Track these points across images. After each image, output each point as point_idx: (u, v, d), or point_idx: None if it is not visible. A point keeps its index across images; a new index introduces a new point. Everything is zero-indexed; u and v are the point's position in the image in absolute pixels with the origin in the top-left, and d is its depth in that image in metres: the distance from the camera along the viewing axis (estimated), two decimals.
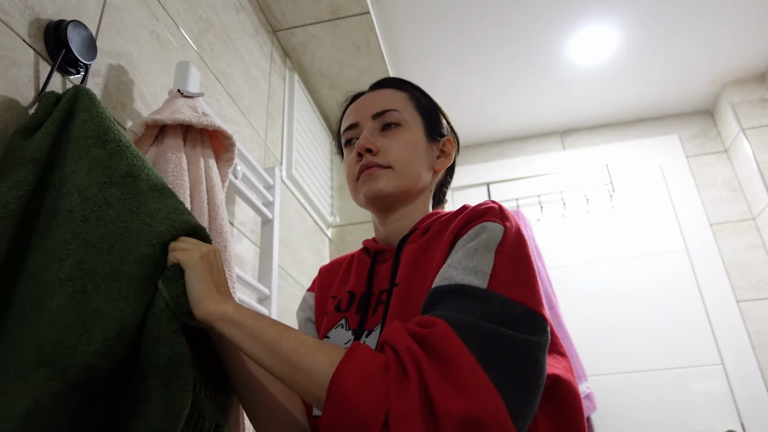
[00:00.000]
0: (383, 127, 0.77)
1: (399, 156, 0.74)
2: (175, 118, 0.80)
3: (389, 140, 0.75)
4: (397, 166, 0.74)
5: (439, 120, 0.83)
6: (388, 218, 0.77)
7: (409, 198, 0.76)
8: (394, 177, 0.73)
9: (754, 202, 2.10)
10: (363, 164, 0.74)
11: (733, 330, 1.97)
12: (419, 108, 0.80)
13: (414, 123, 0.78)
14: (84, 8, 0.80)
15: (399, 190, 0.74)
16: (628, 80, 2.17)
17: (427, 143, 0.79)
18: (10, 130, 0.65)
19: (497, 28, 1.86)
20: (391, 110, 0.77)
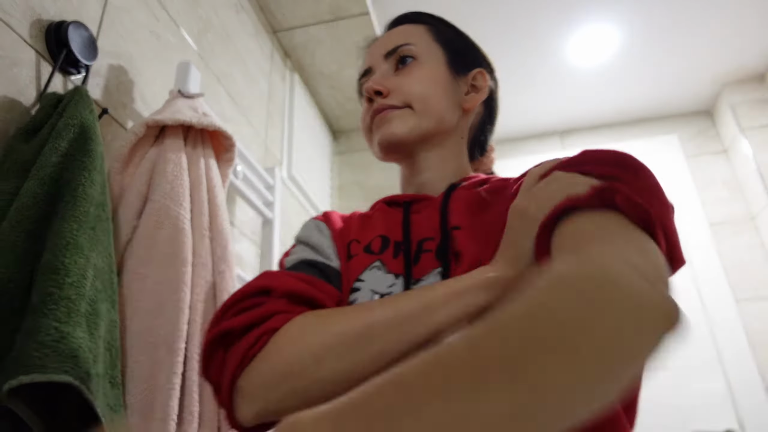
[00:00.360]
0: (397, 66, 0.66)
1: (415, 92, 0.63)
2: (175, 119, 0.81)
3: (403, 78, 0.65)
4: (414, 103, 0.63)
5: (467, 50, 0.72)
6: (418, 167, 0.66)
7: (434, 142, 0.65)
8: (411, 116, 0.63)
9: (753, 203, 2.11)
10: (375, 109, 0.64)
11: (731, 329, 1.97)
12: (439, 39, 0.69)
13: (433, 55, 0.67)
14: (85, 9, 0.80)
15: (418, 132, 0.63)
16: (628, 80, 2.17)
17: (450, 77, 0.67)
18: (12, 130, 0.65)
19: (497, 29, 1.86)
20: (404, 45, 0.66)
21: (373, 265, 0.57)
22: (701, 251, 2.11)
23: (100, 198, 0.63)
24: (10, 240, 0.55)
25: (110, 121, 0.83)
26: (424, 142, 0.64)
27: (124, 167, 0.77)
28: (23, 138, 0.63)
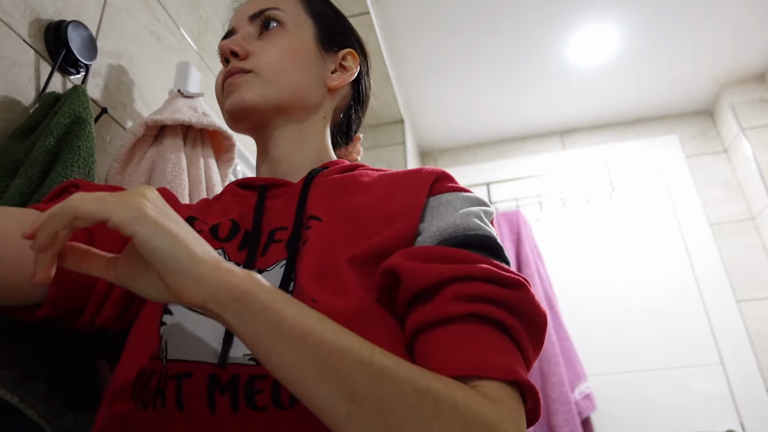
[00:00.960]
0: (262, 30, 0.63)
1: (271, 60, 0.60)
2: (175, 119, 0.81)
3: (265, 43, 0.61)
4: (264, 71, 0.59)
5: (340, 28, 0.69)
6: (274, 143, 0.62)
7: (291, 115, 0.61)
8: (261, 84, 0.59)
9: (753, 202, 2.10)
10: (227, 71, 0.60)
11: (732, 330, 1.97)
12: (311, 10, 0.66)
13: (301, 26, 0.64)
14: (84, 8, 0.80)
15: (269, 101, 0.59)
16: (628, 80, 2.17)
17: (317, 52, 0.64)
18: (11, 130, 0.65)
19: (497, 29, 1.86)
20: (271, 8, 0.62)
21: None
22: (701, 251, 2.10)
23: None
24: None
25: (110, 121, 0.82)
26: (279, 115, 0.61)
27: (123, 167, 0.77)
28: (18, 137, 0.63)
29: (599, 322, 2.08)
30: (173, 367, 0.44)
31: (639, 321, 2.04)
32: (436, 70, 2.05)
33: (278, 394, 0.41)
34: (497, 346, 0.40)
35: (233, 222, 0.56)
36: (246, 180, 0.63)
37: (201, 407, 0.41)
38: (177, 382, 0.43)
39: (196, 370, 0.43)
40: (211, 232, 0.55)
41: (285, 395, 0.41)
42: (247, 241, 0.53)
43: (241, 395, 0.41)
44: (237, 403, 0.41)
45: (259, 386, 0.41)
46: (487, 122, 2.42)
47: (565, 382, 1.78)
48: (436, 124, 2.41)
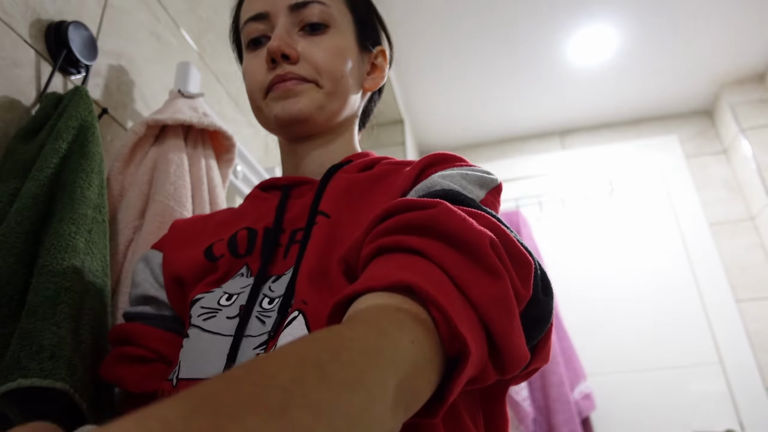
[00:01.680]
0: (304, 26, 0.57)
1: (327, 68, 0.55)
2: (176, 119, 0.81)
3: (313, 45, 0.56)
4: (323, 81, 0.55)
5: (374, 22, 0.64)
6: (305, 147, 0.59)
7: (334, 124, 0.59)
8: (319, 95, 0.55)
9: (752, 203, 2.11)
10: (278, 75, 0.55)
11: (731, 329, 1.97)
12: (351, 4, 0.61)
13: (344, 23, 0.59)
14: (85, 9, 0.80)
15: (325, 114, 0.56)
16: (628, 81, 2.17)
17: (358, 53, 0.60)
18: (12, 130, 0.65)
19: (498, 29, 1.86)
20: (318, 2, 0.57)
21: (239, 273, 0.51)
22: (701, 251, 2.11)
23: (97, 200, 0.63)
24: (9, 241, 0.54)
25: (110, 121, 0.82)
26: (326, 124, 0.58)
27: (124, 167, 0.77)
28: (23, 138, 0.63)
29: (599, 322, 2.08)
30: (183, 386, 0.44)
31: (638, 321, 2.05)
32: (436, 70, 2.05)
33: None
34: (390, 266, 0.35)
35: (249, 231, 0.53)
36: (269, 181, 0.61)
37: None
38: None
39: None
40: (230, 251, 0.53)
41: None
42: (265, 246, 0.51)
43: None
44: None
45: None
46: (487, 122, 2.43)
47: (565, 381, 1.78)
48: (436, 124, 2.41)
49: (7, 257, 0.54)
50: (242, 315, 0.46)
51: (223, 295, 0.49)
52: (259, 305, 0.47)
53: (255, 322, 0.46)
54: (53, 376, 0.48)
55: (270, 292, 0.47)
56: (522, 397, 1.78)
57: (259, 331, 0.45)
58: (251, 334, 0.45)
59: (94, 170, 0.63)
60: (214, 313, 0.48)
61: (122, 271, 0.71)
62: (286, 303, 0.45)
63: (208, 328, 0.47)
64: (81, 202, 0.60)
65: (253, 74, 0.58)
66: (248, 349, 0.44)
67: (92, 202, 0.61)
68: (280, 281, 0.48)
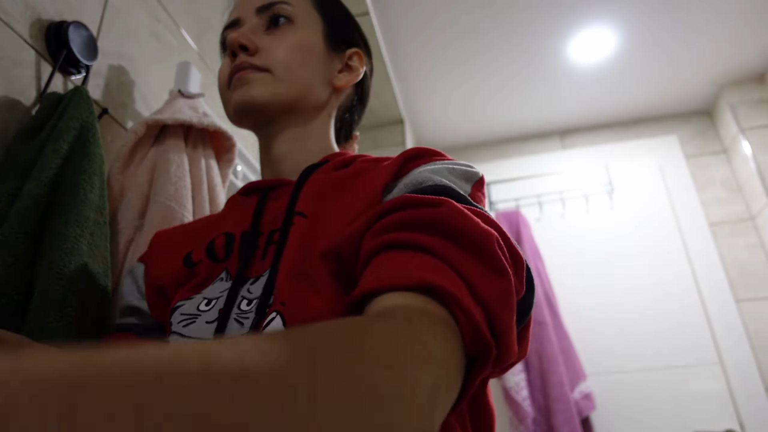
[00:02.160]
0: (270, 24, 0.61)
1: (283, 57, 0.58)
2: (176, 119, 0.81)
3: (274, 39, 0.60)
4: (277, 69, 0.58)
5: (348, 26, 0.68)
6: (276, 140, 0.61)
7: (298, 114, 0.60)
8: (273, 82, 0.58)
9: (752, 203, 2.11)
10: (235, 65, 0.58)
11: (731, 329, 1.97)
12: (320, 7, 0.65)
13: (310, 22, 0.63)
14: (85, 9, 0.80)
15: (279, 100, 0.58)
16: (628, 80, 2.17)
17: (325, 50, 0.63)
18: (12, 130, 0.65)
19: (498, 29, 1.86)
20: (281, 2, 0.61)
21: (218, 278, 0.52)
22: (700, 251, 2.11)
23: (99, 202, 0.63)
24: (9, 242, 0.54)
25: (110, 121, 0.82)
26: (286, 113, 0.60)
27: (124, 167, 0.77)
28: (23, 139, 0.63)
29: (599, 322, 2.08)
30: None
31: (638, 320, 2.05)
32: (436, 70, 2.05)
33: None
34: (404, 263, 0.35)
35: (226, 235, 0.54)
36: (249, 185, 0.62)
37: None
38: None
39: None
40: (209, 256, 0.53)
41: None
42: (243, 248, 0.52)
43: None
44: None
45: None
46: (486, 122, 2.43)
47: (565, 381, 1.78)
48: (436, 124, 2.41)
49: (6, 257, 0.54)
50: (220, 318, 0.47)
51: (202, 301, 0.50)
52: (238, 307, 0.47)
53: (233, 324, 0.46)
54: None
55: (248, 294, 0.48)
56: (522, 397, 1.78)
57: (238, 333, 0.45)
58: (230, 336, 0.45)
59: (96, 171, 0.63)
60: (193, 318, 0.49)
61: (122, 271, 0.71)
62: (264, 303, 0.45)
63: (187, 333, 0.48)
64: (84, 203, 0.60)
65: (220, 72, 0.62)
66: None
67: (94, 203, 0.62)
68: (258, 283, 0.48)
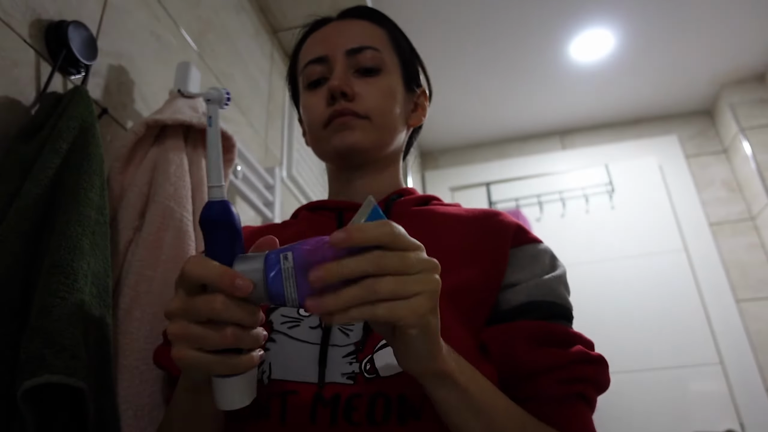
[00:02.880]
0: (359, 69, 0.64)
1: (378, 106, 0.63)
2: (176, 119, 0.80)
3: (366, 85, 0.63)
4: (375, 117, 0.62)
5: (417, 68, 0.72)
6: (356, 175, 0.66)
7: (383, 155, 0.66)
8: (372, 129, 0.62)
9: (752, 202, 2.11)
10: (336, 109, 0.62)
11: (732, 329, 1.97)
12: (398, 50, 0.69)
13: (393, 67, 0.67)
14: (85, 9, 0.80)
15: (375, 145, 0.63)
16: (628, 80, 2.17)
17: (404, 93, 0.68)
18: (12, 130, 0.65)
19: (497, 29, 1.86)
20: (372, 48, 0.64)
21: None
22: (701, 251, 2.11)
23: (99, 202, 0.63)
24: (9, 241, 0.54)
25: (110, 121, 0.82)
26: (376, 155, 0.65)
27: (124, 167, 0.77)
28: (23, 138, 0.63)
29: (599, 322, 2.08)
30: (276, 386, 0.50)
31: (639, 321, 2.04)
32: (435, 70, 2.04)
33: (373, 412, 0.47)
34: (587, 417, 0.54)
35: None
36: (317, 203, 0.67)
37: (303, 420, 0.47)
38: (281, 399, 0.49)
39: (300, 388, 0.49)
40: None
41: (378, 413, 0.46)
42: None
43: (340, 411, 0.47)
44: (336, 417, 0.47)
45: (356, 404, 0.47)
46: (487, 122, 2.43)
47: None
48: (436, 124, 2.41)
49: (6, 257, 0.54)
50: (324, 327, 0.52)
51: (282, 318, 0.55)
52: None
53: (338, 333, 0.52)
54: (76, 375, 0.49)
55: None
56: None
57: (344, 342, 0.51)
58: (336, 343, 0.51)
59: (96, 171, 0.63)
60: (297, 322, 0.54)
61: (122, 271, 0.71)
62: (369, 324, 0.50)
63: (294, 335, 0.53)
64: (84, 203, 0.60)
65: (313, 109, 0.65)
66: (337, 357, 0.50)
67: (95, 203, 0.61)
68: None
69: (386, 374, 0.48)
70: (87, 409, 0.51)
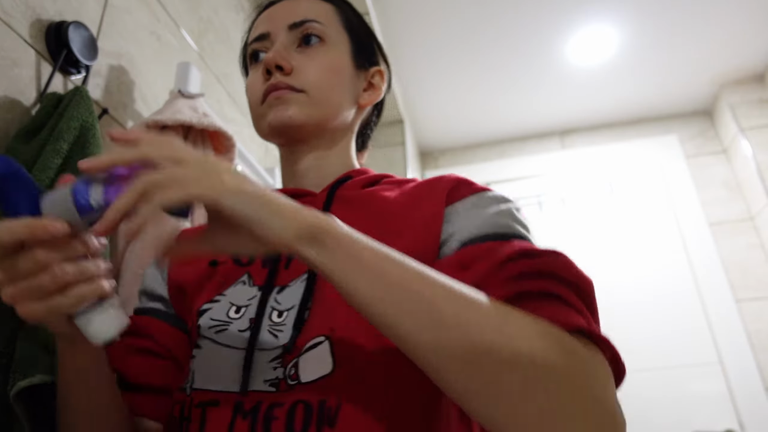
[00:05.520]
0: (301, 43, 0.61)
1: (317, 79, 0.59)
2: (176, 119, 0.81)
3: (307, 59, 0.60)
4: (313, 91, 0.59)
5: (370, 44, 0.69)
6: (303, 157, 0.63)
7: (326, 134, 0.62)
8: (309, 104, 0.59)
9: (752, 202, 2.11)
10: (272, 84, 0.59)
11: (731, 329, 1.97)
12: (347, 25, 0.66)
13: (339, 42, 0.63)
14: (85, 9, 0.80)
15: (313, 121, 0.59)
16: (628, 80, 2.17)
17: (353, 70, 0.64)
18: (12, 130, 0.65)
19: (497, 29, 1.86)
20: (313, 21, 0.62)
21: (240, 280, 0.54)
22: (700, 251, 2.11)
23: None
24: None
25: (110, 122, 0.83)
26: (317, 133, 0.61)
27: None
28: (23, 138, 0.63)
29: None
30: (198, 396, 0.47)
31: (638, 320, 2.05)
32: (436, 70, 2.05)
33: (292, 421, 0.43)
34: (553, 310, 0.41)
35: None
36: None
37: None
38: (202, 410, 0.46)
39: (221, 398, 0.46)
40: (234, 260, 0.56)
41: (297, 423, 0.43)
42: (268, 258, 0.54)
43: (259, 421, 0.43)
44: (254, 429, 0.43)
45: (276, 413, 0.44)
46: (486, 122, 2.43)
47: None
48: (436, 124, 2.41)
49: None
50: (253, 328, 0.49)
51: (231, 307, 0.51)
52: (269, 318, 0.49)
53: (266, 335, 0.48)
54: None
55: (277, 305, 0.50)
56: None
57: (272, 345, 0.47)
58: (264, 347, 0.47)
59: None
60: (225, 325, 0.51)
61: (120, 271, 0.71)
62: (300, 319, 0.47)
63: (220, 340, 0.50)
64: None
65: (251, 86, 0.62)
66: (262, 361, 0.47)
67: None
68: (286, 293, 0.50)
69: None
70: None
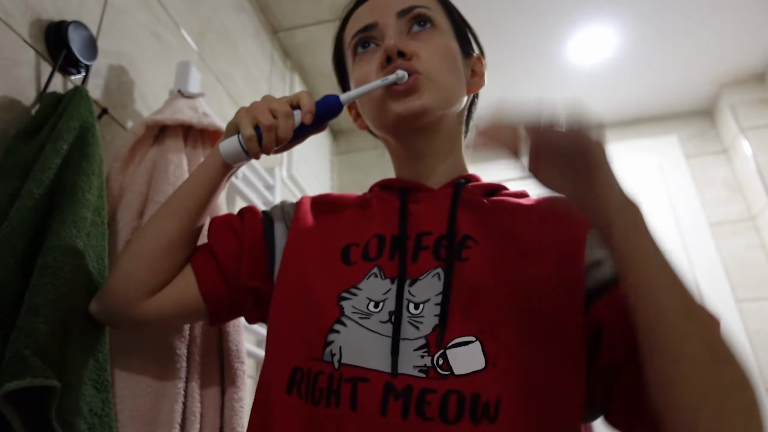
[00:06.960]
0: (410, 29, 0.60)
1: (438, 63, 0.57)
2: (175, 119, 0.81)
3: (422, 44, 0.58)
4: (436, 75, 0.57)
5: (469, 32, 0.68)
6: (422, 149, 0.61)
7: (447, 120, 0.61)
8: (434, 88, 0.56)
9: (753, 203, 2.11)
10: (395, 66, 0.56)
11: (731, 329, 1.97)
12: (449, 14, 0.65)
13: (446, 28, 0.62)
14: (85, 9, 0.80)
15: (441, 107, 0.58)
16: (628, 80, 2.17)
17: (462, 56, 0.63)
18: (12, 130, 0.65)
19: (497, 29, 1.86)
20: (421, 6, 0.60)
21: (371, 273, 0.55)
22: (701, 251, 2.10)
23: (96, 203, 0.63)
24: (10, 242, 0.55)
25: (110, 121, 0.83)
26: (441, 121, 0.60)
27: (123, 167, 0.77)
28: (23, 138, 0.63)
29: None
30: (348, 372, 0.49)
31: None
32: None
33: (446, 409, 0.45)
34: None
35: (378, 237, 0.57)
36: (388, 181, 0.65)
37: (373, 410, 0.46)
38: (353, 385, 0.48)
39: (372, 376, 0.47)
40: (363, 257, 0.57)
41: (451, 411, 0.44)
42: (396, 246, 0.55)
43: (412, 404, 0.45)
44: (408, 410, 0.45)
45: (429, 398, 0.45)
46: None
47: None
48: None
49: (7, 257, 0.54)
50: (394, 321, 0.51)
51: (369, 302, 0.53)
52: (407, 310, 0.51)
53: (408, 326, 0.50)
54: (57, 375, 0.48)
55: (412, 297, 0.52)
56: None
57: (415, 335, 0.50)
58: (407, 337, 0.50)
59: (95, 172, 0.63)
60: (367, 316, 0.52)
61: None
62: (444, 312, 0.50)
63: (364, 325, 0.52)
64: (81, 204, 0.60)
65: (366, 75, 0.59)
66: (408, 350, 0.49)
67: (92, 204, 0.62)
68: (419, 286, 0.53)
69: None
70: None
